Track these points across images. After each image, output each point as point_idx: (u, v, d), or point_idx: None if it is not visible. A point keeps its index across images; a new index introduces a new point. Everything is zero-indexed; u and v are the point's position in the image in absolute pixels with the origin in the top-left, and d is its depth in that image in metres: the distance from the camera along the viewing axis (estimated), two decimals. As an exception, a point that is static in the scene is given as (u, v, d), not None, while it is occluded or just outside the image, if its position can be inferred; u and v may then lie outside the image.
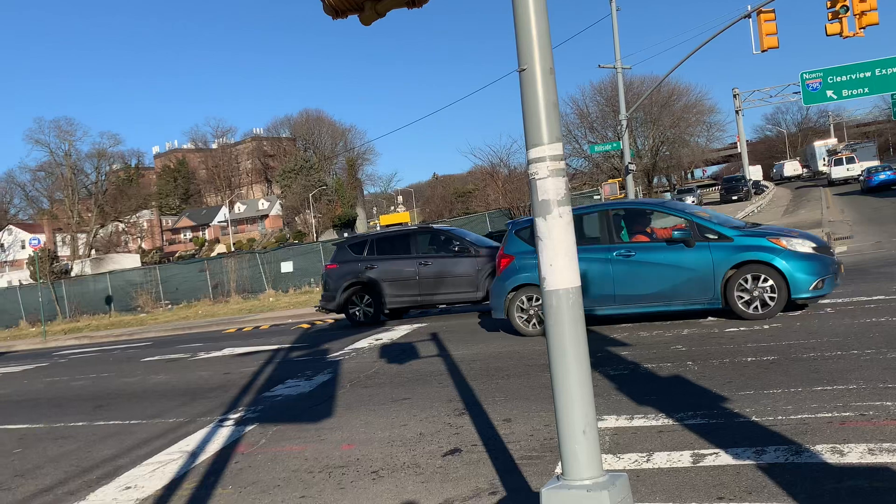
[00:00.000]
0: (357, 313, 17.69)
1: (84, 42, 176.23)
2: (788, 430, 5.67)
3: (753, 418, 6.11)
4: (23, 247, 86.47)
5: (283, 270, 39.64)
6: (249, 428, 8.19)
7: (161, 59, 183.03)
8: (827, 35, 22.34)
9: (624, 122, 24.58)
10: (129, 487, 6.50)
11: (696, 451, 5.49)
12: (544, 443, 6.20)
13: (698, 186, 74.98)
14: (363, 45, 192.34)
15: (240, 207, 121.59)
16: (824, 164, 74.38)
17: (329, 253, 39.21)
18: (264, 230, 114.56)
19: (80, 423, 9.83)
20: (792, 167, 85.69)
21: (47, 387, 14.18)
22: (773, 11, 23.72)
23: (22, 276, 68.47)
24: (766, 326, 10.24)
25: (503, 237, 13.36)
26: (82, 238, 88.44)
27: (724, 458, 5.27)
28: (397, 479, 5.79)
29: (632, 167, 24.29)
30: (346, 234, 78.90)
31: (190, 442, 7.86)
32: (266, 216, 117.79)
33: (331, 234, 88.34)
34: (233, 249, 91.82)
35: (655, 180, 79.66)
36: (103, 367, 16.31)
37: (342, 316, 18.49)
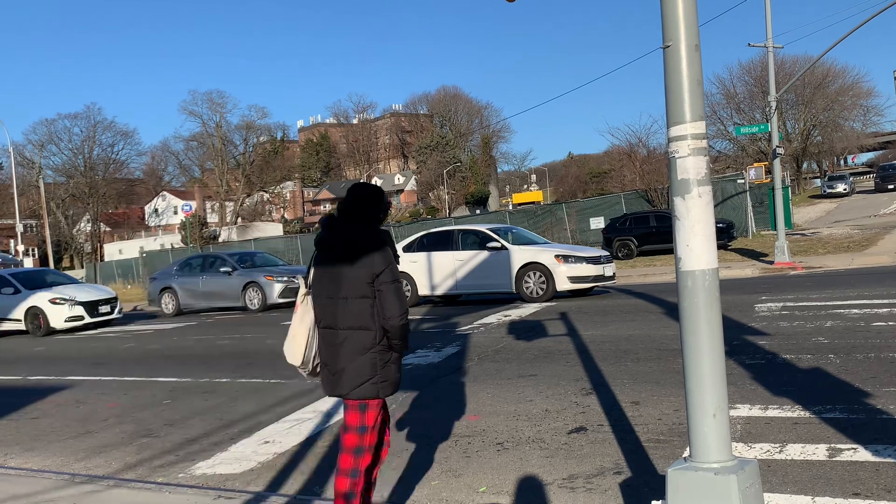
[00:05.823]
0: None
1: (239, 20, 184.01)
2: (937, 432, 5.38)
3: (898, 416, 5.82)
4: (175, 212, 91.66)
5: (416, 245, 40.28)
6: (380, 393, 8.44)
7: (308, 38, 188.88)
8: None
9: (773, 104, 23.48)
10: (267, 442, 6.86)
11: (832, 446, 5.29)
12: (672, 427, 6.12)
13: (851, 174, 70.95)
14: (502, 22, 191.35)
15: (377, 181, 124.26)
16: None
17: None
18: (399, 204, 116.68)
19: (225, 380, 10.41)
20: None
21: (195, 344, 15.07)
22: (946, -14, 21.94)
23: (174, 239, 72.42)
24: (918, 323, 9.67)
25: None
26: (230, 206, 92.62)
27: (862, 455, 5.06)
28: (521, 452, 5.86)
29: (779, 151, 23.19)
30: (477, 212, 79.33)
31: (325, 403, 8.20)
32: (401, 191, 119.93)
33: (463, 211, 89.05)
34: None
35: (805, 166, 75.85)
36: (247, 329, 17.15)
37: None
